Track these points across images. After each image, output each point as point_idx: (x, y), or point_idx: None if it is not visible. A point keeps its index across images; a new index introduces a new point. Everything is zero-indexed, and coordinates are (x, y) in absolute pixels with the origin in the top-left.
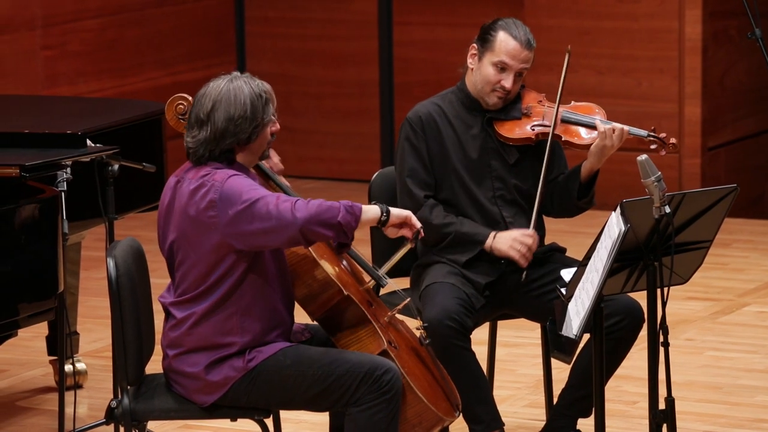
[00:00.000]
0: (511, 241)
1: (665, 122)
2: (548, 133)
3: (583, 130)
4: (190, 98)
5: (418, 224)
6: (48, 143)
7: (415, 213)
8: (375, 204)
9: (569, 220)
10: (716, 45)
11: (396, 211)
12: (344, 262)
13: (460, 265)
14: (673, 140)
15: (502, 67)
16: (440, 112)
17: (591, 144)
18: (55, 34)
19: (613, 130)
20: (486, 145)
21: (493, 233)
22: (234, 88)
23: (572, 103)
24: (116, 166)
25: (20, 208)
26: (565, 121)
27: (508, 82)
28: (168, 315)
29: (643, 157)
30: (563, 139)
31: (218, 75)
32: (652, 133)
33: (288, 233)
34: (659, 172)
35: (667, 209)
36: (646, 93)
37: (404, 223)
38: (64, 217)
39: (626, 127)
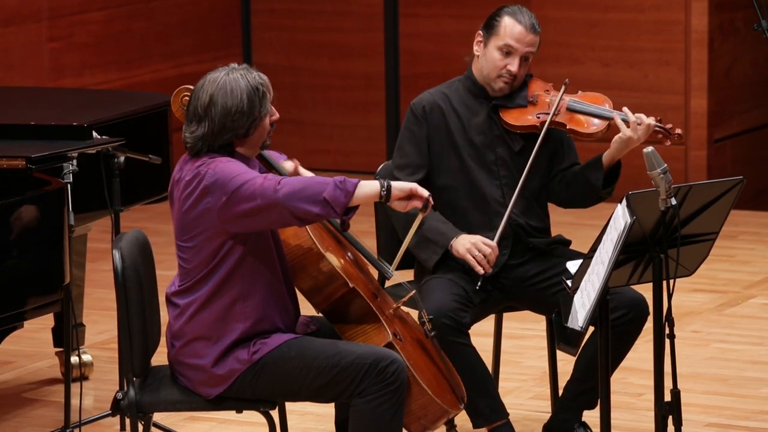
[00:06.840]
0: (470, 245)
1: (671, 114)
2: (554, 122)
3: (588, 119)
4: None
5: (426, 193)
6: (54, 135)
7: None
8: (376, 179)
9: (575, 211)
10: (722, 37)
11: (398, 185)
12: (349, 254)
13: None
14: (678, 131)
15: (507, 51)
16: (445, 99)
17: (596, 133)
18: (61, 25)
19: (640, 123)
20: (491, 133)
21: (459, 234)
22: (230, 81)
23: (579, 92)
24: (122, 158)
25: (26, 200)
26: (572, 110)
27: (514, 65)
28: (172, 305)
29: (650, 149)
30: (568, 127)
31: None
32: (659, 124)
33: (274, 211)
34: (665, 164)
35: (673, 201)
36: (653, 85)
37: (411, 195)
38: (70, 209)
39: (653, 122)
